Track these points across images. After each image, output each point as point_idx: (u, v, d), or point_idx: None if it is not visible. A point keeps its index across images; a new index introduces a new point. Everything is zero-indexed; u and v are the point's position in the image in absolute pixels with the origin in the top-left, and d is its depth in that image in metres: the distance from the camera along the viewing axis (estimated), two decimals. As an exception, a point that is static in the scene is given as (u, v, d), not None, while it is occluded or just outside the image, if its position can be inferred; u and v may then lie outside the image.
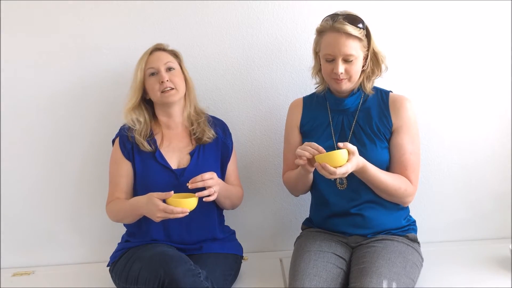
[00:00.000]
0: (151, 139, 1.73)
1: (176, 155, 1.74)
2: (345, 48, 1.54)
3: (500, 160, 2.06)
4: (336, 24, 1.55)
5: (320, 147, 1.47)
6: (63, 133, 2.03)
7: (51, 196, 2.06)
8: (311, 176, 1.66)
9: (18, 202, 2.06)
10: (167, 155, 1.73)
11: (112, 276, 1.70)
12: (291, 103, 1.82)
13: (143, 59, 1.73)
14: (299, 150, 1.49)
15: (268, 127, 2.04)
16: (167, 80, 1.69)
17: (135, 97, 1.73)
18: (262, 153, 2.07)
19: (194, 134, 1.75)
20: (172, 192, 1.50)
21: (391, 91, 1.72)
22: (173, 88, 1.70)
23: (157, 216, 1.51)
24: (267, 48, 2.00)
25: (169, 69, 1.72)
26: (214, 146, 1.76)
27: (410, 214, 1.78)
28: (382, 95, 1.69)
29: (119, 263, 1.66)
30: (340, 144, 1.45)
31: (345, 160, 1.44)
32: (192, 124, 1.77)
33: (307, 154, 1.47)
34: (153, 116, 1.79)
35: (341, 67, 1.56)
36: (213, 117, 1.84)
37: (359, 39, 1.56)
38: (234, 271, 1.74)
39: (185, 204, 1.50)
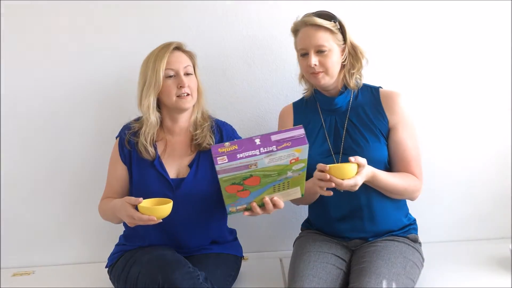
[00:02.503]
0: (153, 146, 1.68)
1: (176, 163, 1.69)
2: (315, 39, 1.56)
3: (500, 160, 2.06)
4: (305, 18, 1.60)
5: (325, 167, 1.41)
6: (63, 134, 2.03)
7: (51, 196, 2.06)
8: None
9: (18, 202, 2.06)
10: (167, 162, 1.68)
11: (110, 278, 1.70)
12: (280, 111, 1.80)
13: (162, 57, 1.60)
14: (321, 184, 1.42)
15: (268, 127, 2.04)
16: (187, 86, 1.62)
17: (153, 96, 1.62)
18: (262, 153, 2.07)
19: (196, 139, 1.68)
20: (141, 199, 1.41)
21: (381, 87, 1.71)
22: (189, 94, 1.64)
23: (127, 222, 1.46)
24: (267, 48, 2.00)
25: (187, 73, 1.65)
26: (211, 155, 1.70)
27: (411, 213, 1.78)
28: (373, 92, 1.68)
29: (117, 265, 1.65)
30: (351, 159, 1.42)
31: (353, 173, 1.42)
32: (196, 129, 1.70)
33: (332, 184, 1.40)
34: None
35: (314, 59, 1.57)
36: (219, 122, 1.78)
37: (330, 30, 1.57)
38: (234, 272, 1.73)
39: (155, 212, 1.40)
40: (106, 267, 1.74)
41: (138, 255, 1.59)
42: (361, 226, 1.65)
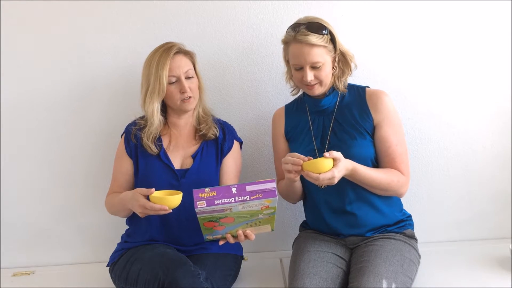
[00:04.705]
0: (157, 140, 1.73)
1: (180, 154, 1.75)
2: (310, 57, 1.58)
3: (500, 160, 2.06)
4: (298, 36, 1.58)
5: (301, 156, 1.48)
6: (63, 133, 2.03)
7: (51, 196, 2.06)
8: (298, 183, 1.67)
9: (18, 202, 2.06)
10: (171, 154, 1.73)
11: (112, 277, 1.71)
12: (273, 114, 1.85)
13: (164, 64, 1.64)
14: (283, 165, 1.51)
15: (268, 127, 2.03)
16: (189, 90, 1.68)
17: (157, 103, 1.68)
18: (263, 153, 2.07)
19: (201, 131, 1.75)
20: (153, 189, 1.49)
21: (368, 86, 1.74)
22: (191, 97, 1.69)
23: (138, 212, 1.51)
24: (267, 48, 2.00)
25: (188, 77, 1.69)
26: (214, 147, 1.77)
27: (409, 212, 1.79)
28: (359, 91, 1.71)
29: (119, 264, 1.66)
30: (326, 154, 1.46)
31: (328, 167, 1.46)
32: (200, 124, 1.77)
33: (289, 167, 1.48)
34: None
35: (310, 75, 1.60)
36: (220, 120, 1.85)
37: (323, 46, 1.59)
38: (234, 271, 1.74)
39: (166, 201, 1.47)
40: (107, 265, 1.75)
41: (139, 253, 1.61)
42: (354, 221, 1.66)
